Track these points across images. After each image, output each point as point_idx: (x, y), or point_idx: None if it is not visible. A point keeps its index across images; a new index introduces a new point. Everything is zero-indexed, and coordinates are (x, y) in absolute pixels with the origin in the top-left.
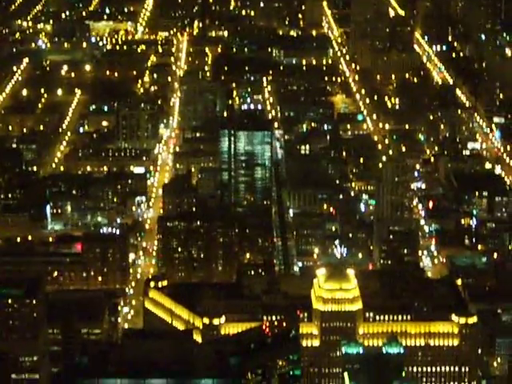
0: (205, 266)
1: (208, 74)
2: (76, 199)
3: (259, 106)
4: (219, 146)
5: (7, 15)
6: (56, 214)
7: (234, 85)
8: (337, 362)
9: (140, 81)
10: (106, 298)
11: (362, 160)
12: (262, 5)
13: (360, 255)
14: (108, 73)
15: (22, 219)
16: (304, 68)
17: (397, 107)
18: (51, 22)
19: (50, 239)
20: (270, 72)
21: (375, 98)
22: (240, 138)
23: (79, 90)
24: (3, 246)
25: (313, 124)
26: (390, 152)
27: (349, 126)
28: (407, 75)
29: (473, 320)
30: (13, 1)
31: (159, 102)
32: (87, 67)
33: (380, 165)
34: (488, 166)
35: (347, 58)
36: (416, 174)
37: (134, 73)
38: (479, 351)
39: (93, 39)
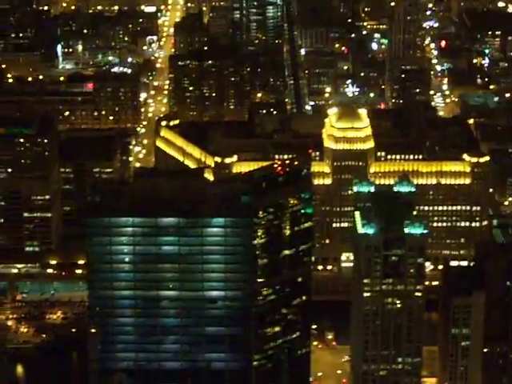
0: (216, 104)
1: None
2: (87, 38)
3: None
4: None
5: None
6: (67, 53)
7: None
8: (348, 200)
9: None
10: (117, 137)
11: None
12: None
13: (372, 94)
14: None
15: (33, 58)
16: None
17: None
18: None
19: (62, 78)
20: None
21: None
22: None
23: None
24: (14, 85)
25: None
26: None
27: None
28: None
29: (484, 159)
30: None
31: None
32: None
33: (392, 3)
34: (501, 4)
35: None
36: (428, 12)
37: None
38: (490, 190)
39: None
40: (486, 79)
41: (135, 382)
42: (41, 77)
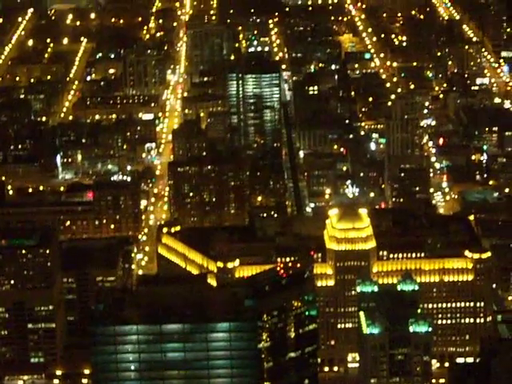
0: (217, 209)
1: (214, 17)
2: (86, 148)
3: (266, 48)
4: (227, 90)
5: None
6: (66, 163)
7: (240, 28)
8: (352, 301)
9: (145, 27)
10: (119, 245)
11: (370, 99)
12: None
13: (372, 194)
14: (113, 20)
15: (32, 169)
16: (310, 8)
17: (404, 44)
18: None
19: (62, 188)
20: (276, 14)
21: (382, 35)
22: (248, 80)
23: (85, 38)
24: (15, 197)
25: (320, 64)
26: (399, 90)
27: (356, 65)
28: (413, 12)
29: (486, 255)
30: None
31: (165, 48)
32: (92, 15)
33: (389, 103)
34: (497, 100)
35: None
36: (425, 110)
37: (140, 19)
38: (493, 286)
39: None
40: (485, 175)
41: None
42: (41, 187)
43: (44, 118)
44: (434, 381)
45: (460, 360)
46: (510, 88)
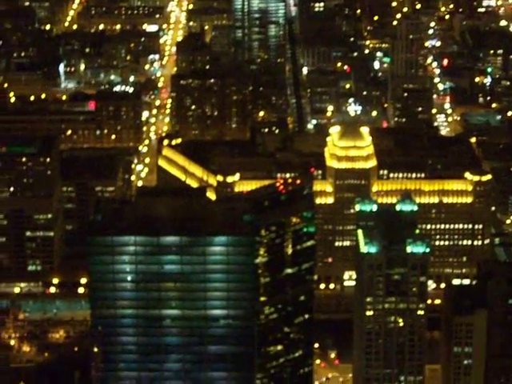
0: (218, 123)
1: None
2: (89, 57)
3: None
4: (232, 4)
5: None
6: (69, 73)
7: None
8: (350, 219)
9: None
10: (119, 156)
11: (376, 17)
12: None
13: (374, 113)
14: None
15: (35, 77)
16: None
17: None
18: None
19: (64, 97)
20: None
21: None
22: None
23: None
24: (17, 105)
25: None
26: (405, 9)
27: None
28: None
29: (486, 178)
30: None
31: None
32: None
33: (394, 22)
34: (503, 23)
35: None
36: (431, 31)
37: None
38: (492, 208)
39: None
40: (488, 98)
41: None
42: (43, 96)
43: (48, 27)
44: (429, 301)
45: (456, 281)
46: None
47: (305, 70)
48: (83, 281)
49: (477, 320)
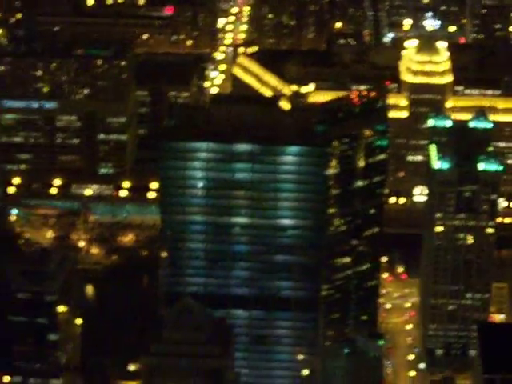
0: (295, 33)
1: None
2: None
3: None
4: None
5: None
6: None
7: None
8: (424, 134)
9: None
10: (194, 63)
11: None
12: None
13: (452, 28)
14: None
15: None
16: None
17: None
18: None
19: (141, 1)
20: None
21: None
22: None
23: None
24: (94, 7)
25: None
26: None
27: None
28: None
29: None
30: None
31: None
32: None
33: None
34: None
35: None
36: None
37: None
38: None
39: None
40: None
41: (203, 306)
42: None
43: None
44: (499, 220)
45: None
46: None
47: None
48: (154, 185)
49: None
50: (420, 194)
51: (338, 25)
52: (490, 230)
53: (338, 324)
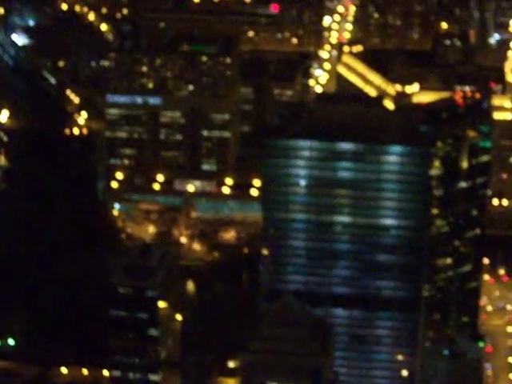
0: (400, 32)
1: None
2: None
3: None
4: None
5: None
6: None
7: None
8: None
9: None
10: (299, 61)
11: None
12: None
13: None
14: None
15: None
16: None
17: None
18: None
19: None
20: None
21: None
22: None
23: None
24: (200, 4)
25: None
26: None
27: None
28: None
29: None
30: None
31: None
32: None
33: None
34: None
35: None
36: None
37: None
38: None
39: None
40: None
41: (303, 304)
42: None
43: None
44: None
45: None
46: None
47: None
48: (256, 183)
49: None
50: None
51: (444, 25)
52: None
53: (438, 325)
